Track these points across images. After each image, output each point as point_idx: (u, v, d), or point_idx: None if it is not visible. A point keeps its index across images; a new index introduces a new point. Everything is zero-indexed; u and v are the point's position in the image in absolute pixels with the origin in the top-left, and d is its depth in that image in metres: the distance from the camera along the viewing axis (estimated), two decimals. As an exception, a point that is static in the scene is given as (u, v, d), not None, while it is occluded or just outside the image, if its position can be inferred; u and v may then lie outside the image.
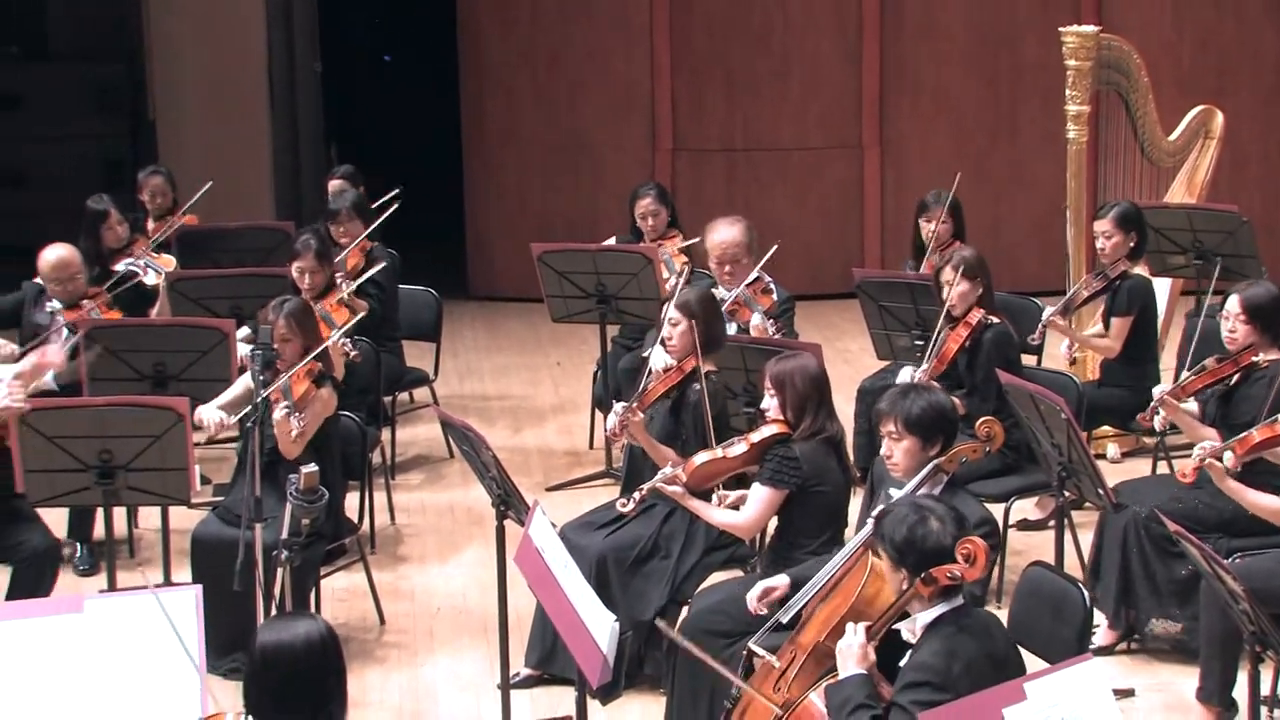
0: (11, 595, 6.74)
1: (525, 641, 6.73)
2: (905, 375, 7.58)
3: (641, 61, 12.57)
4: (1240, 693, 6.18)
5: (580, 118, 12.66)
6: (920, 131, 12.62)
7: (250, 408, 6.39)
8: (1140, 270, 8.50)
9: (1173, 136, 9.75)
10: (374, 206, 9.44)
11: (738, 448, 6.25)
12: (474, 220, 13.00)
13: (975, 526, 5.53)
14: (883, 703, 4.66)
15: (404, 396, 9.81)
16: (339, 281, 8.49)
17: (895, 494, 5.76)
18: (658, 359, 7.06)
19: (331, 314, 8.20)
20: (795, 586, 5.66)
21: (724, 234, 8.24)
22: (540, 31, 12.61)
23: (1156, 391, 6.98)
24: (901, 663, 4.73)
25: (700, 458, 6.28)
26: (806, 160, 12.67)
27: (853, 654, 4.72)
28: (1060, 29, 9.39)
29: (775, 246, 8.32)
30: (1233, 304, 6.88)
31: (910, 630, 4.76)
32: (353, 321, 7.73)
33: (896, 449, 5.66)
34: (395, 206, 9.49)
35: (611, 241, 9.32)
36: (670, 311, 6.94)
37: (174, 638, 4.76)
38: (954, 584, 4.66)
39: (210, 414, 7.09)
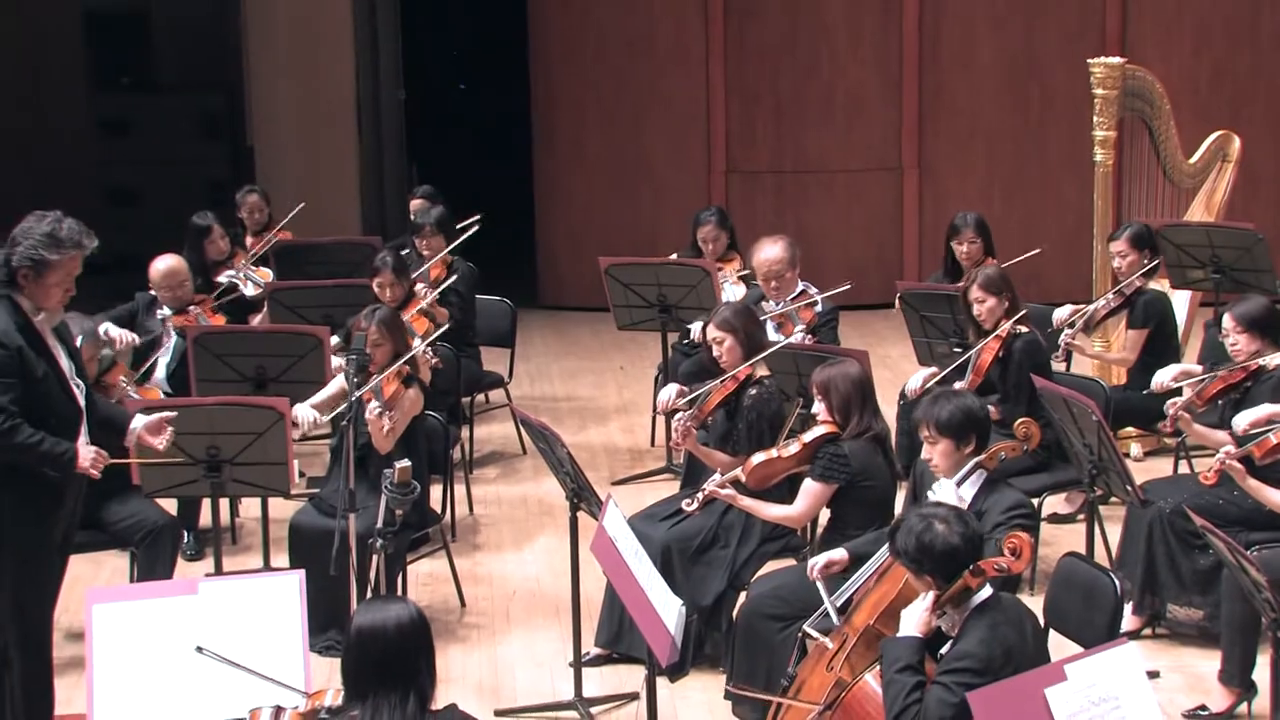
0: (138, 575, 6.81)
1: (595, 622, 6.72)
2: (916, 381, 7.62)
3: (698, 90, 12.55)
4: (1260, 675, 6.15)
5: (642, 142, 12.66)
6: (955, 154, 12.57)
7: (345, 407, 6.43)
8: (1158, 285, 8.45)
9: (1193, 159, 9.69)
10: (457, 227, 9.47)
11: (791, 448, 6.25)
12: (544, 236, 13.01)
13: (1013, 508, 5.56)
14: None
15: (481, 397, 9.82)
16: (421, 291, 8.53)
17: (938, 488, 5.76)
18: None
19: (413, 324, 8.23)
20: (854, 560, 5.66)
21: (768, 253, 8.27)
22: (605, 62, 12.61)
23: (1158, 375, 6.97)
24: (943, 650, 4.71)
25: (757, 458, 6.29)
26: (850, 181, 12.63)
27: (915, 618, 4.70)
28: (1089, 60, 9.34)
29: (847, 286, 8.42)
30: (1227, 321, 6.96)
31: (950, 622, 4.73)
32: (437, 333, 7.76)
33: (934, 452, 5.70)
34: (475, 229, 9.51)
35: (673, 257, 9.32)
36: (713, 331, 6.94)
37: (280, 617, 4.80)
38: (1001, 575, 4.64)
39: (304, 413, 7.12)
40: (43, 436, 5.31)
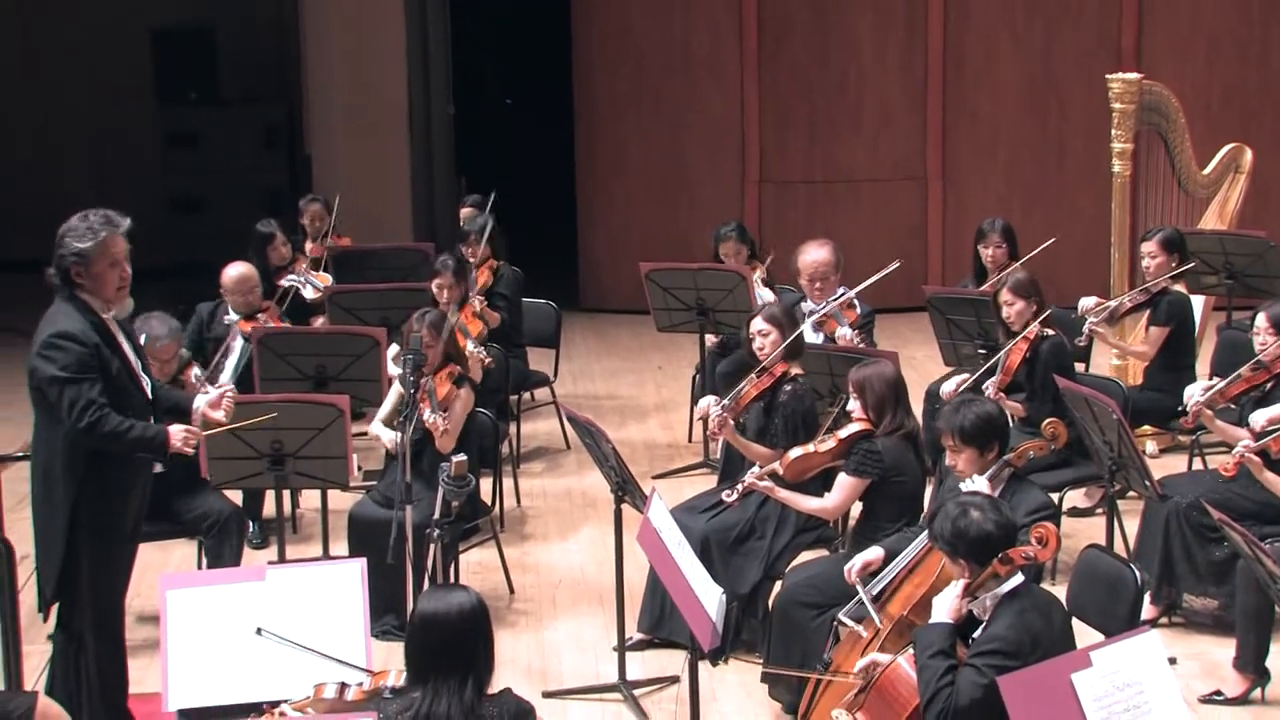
0: (206, 564, 6.84)
1: (638, 609, 6.72)
2: (951, 385, 7.56)
3: (733, 104, 12.54)
4: (1273, 662, 6.12)
5: (679, 153, 12.65)
6: (977, 165, 12.53)
7: (402, 405, 6.45)
8: (1179, 288, 8.41)
9: (1206, 170, 9.63)
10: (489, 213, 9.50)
11: (827, 444, 6.25)
12: (585, 242, 13.01)
13: (1036, 511, 5.53)
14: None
15: (527, 396, 9.83)
16: (471, 297, 8.55)
17: (966, 484, 5.73)
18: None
19: (467, 325, 8.25)
20: (889, 555, 5.65)
21: (815, 254, 8.24)
22: (645, 78, 12.61)
23: (1188, 392, 6.94)
24: (974, 635, 4.70)
25: (794, 453, 6.28)
26: (877, 190, 12.60)
27: (947, 605, 4.69)
28: (1108, 76, 9.29)
29: (896, 263, 8.34)
30: (1260, 320, 6.90)
31: (980, 607, 4.72)
32: (485, 333, 7.76)
33: (959, 459, 5.67)
34: (501, 213, 9.51)
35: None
36: (759, 324, 6.92)
37: (343, 602, 4.82)
38: (1029, 563, 4.62)
39: (386, 434, 7.13)
40: (132, 423, 5.34)
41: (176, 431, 5.47)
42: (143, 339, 6.15)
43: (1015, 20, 12.36)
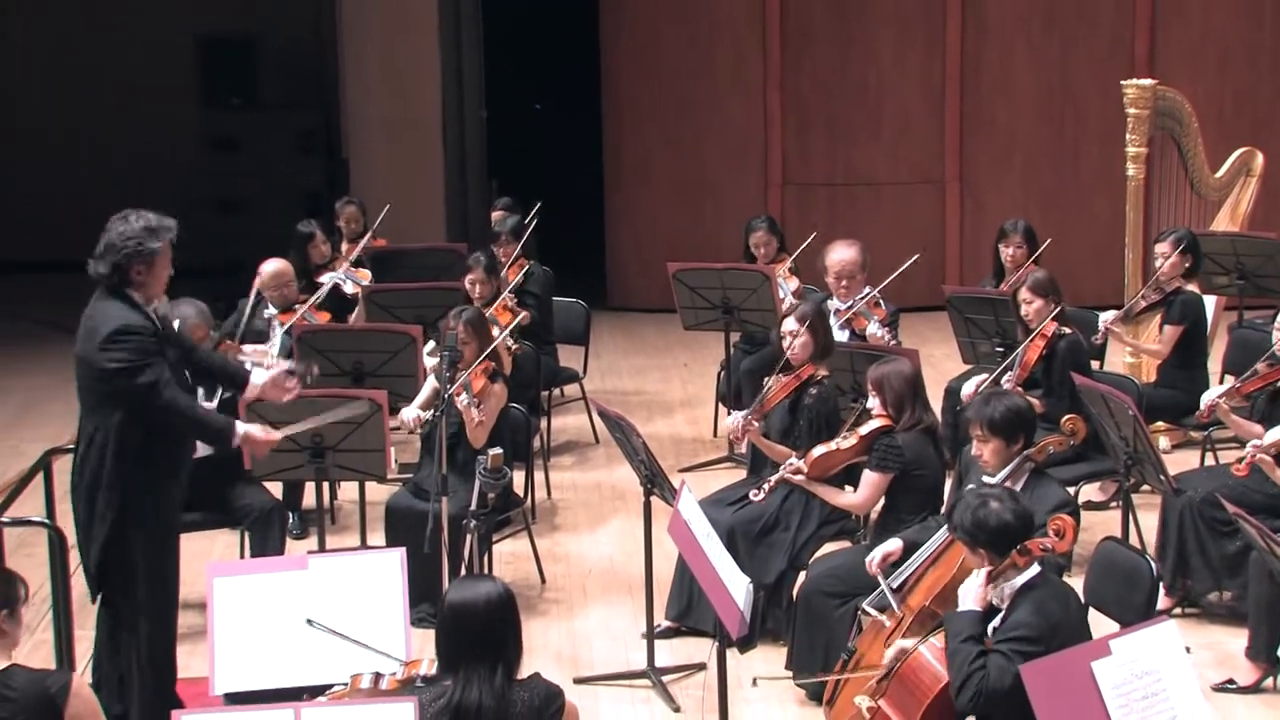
0: (250, 554, 6.86)
1: (666, 598, 6.72)
2: (970, 386, 7.53)
3: (756, 110, 12.52)
4: (1285, 652, 6.09)
5: (704, 157, 12.65)
6: (994, 169, 12.49)
7: (438, 399, 6.44)
8: (1193, 288, 8.37)
9: (1218, 174, 9.59)
10: (524, 221, 9.50)
11: (849, 441, 6.24)
12: (613, 243, 13.01)
13: (1057, 507, 5.49)
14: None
15: (557, 391, 9.81)
16: (504, 295, 8.56)
17: (986, 479, 5.71)
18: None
19: (498, 318, 8.25)
20: (907, 547, 5.63)
21: (842, 254, 8.19)
22: (671, 85, 12.60)
23: (1206, 398, 6.90)
24: (993, 623, 4.69)
25: (818, 450, 6.27)
26: (896, 193, 12.57)
27: (973, 594, 4.68)
28: (1122, 82, 9.25)
29: (917, 256, 8.42)
30: None
31: (999, 597, 4.71)
32: (514, 323, 7.76)
33: (985, 449, 5.64)
34: (535, 216, 9.54)
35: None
36: (790, 323, 6.90)
37: (383, 590, 4.82)
38: (1046, 555, 4.61)
39: (409, 413, 7.15)
40: (200, 406, 5.42)
41: (255, 431, 5.57)
42: (176, 324, 6.18)
43: (1031, 29, 12.32)
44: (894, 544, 5.69)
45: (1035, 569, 4.67)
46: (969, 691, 4.45)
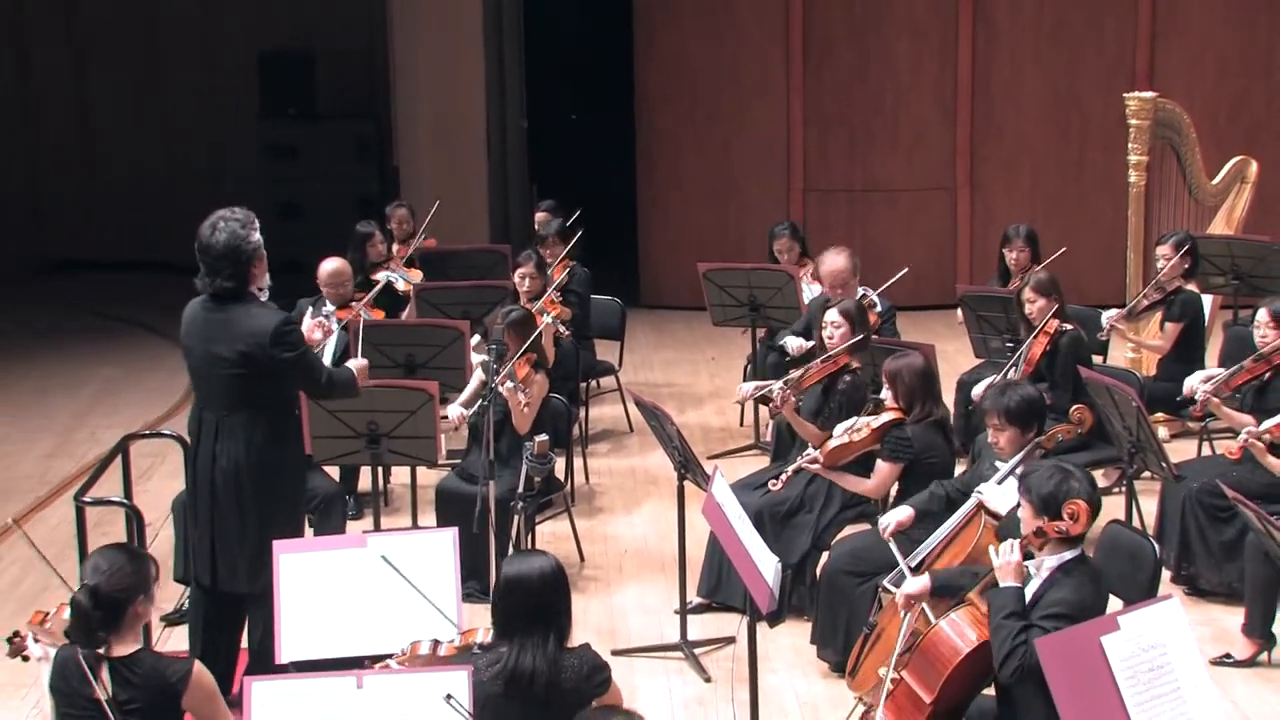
0: (315, 534, 6.88)
1: (697, 575, 6.73)
2: (980, 388, 7.51)
3: (779, 119, 12.51)
4: (1279, 628, 6.07)
5: (730, 164, 12.64)
6: (1004, 176, 12.45)
7: (485, 390, 6.46)
8: (1192, 287, 8.35)
9: (1215, 181, 9.55)
10: (567, 225, 9.53)
11: (862, 432, 6.23)
12: (645, 245, 13.02)
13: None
14: None
15: (595, 383, 9.85)
16: (550, 291, 8.59)
17: (997, 465, 5.70)
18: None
19: (546, 308, 8.29)
20: (919, 515, 5.65)
21: (834, 263, 8.15)
22: (699, 95, 12.59)
23: (1189, 380, 6.92)
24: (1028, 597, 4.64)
25: (833, 441, 6.27)
26: (911, 199, 12.54)
27: (1010, 570, 4.61)
28: (1125, 94, 9.24)
29: (904, 271, 8.42)
30: (1262, 315, 6.87)
31: (1035, 567, 4.65)
32: (560, 313, 7.78)
33: (1001, 437, 5.63)
34: (579, 222, 9.64)
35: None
36: (833, 315, 6.92)
37: (436, 567, 4.84)
38: (1061, 537, 4.59)
39: (455, 411, 7.19)
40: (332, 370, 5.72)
41: (362, 364, 5.82)
42: None
43: (1040, 43, 12.27)
44: (905, 511, 5.72)
45: (1078, 549, 4.63)
46: (1012, 664, 4.42)
